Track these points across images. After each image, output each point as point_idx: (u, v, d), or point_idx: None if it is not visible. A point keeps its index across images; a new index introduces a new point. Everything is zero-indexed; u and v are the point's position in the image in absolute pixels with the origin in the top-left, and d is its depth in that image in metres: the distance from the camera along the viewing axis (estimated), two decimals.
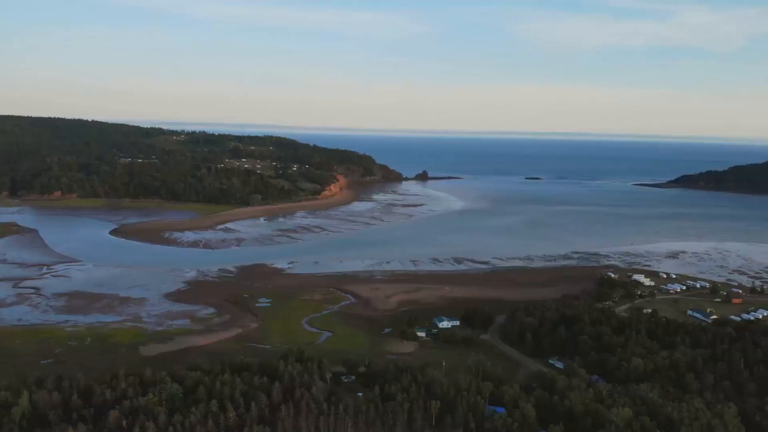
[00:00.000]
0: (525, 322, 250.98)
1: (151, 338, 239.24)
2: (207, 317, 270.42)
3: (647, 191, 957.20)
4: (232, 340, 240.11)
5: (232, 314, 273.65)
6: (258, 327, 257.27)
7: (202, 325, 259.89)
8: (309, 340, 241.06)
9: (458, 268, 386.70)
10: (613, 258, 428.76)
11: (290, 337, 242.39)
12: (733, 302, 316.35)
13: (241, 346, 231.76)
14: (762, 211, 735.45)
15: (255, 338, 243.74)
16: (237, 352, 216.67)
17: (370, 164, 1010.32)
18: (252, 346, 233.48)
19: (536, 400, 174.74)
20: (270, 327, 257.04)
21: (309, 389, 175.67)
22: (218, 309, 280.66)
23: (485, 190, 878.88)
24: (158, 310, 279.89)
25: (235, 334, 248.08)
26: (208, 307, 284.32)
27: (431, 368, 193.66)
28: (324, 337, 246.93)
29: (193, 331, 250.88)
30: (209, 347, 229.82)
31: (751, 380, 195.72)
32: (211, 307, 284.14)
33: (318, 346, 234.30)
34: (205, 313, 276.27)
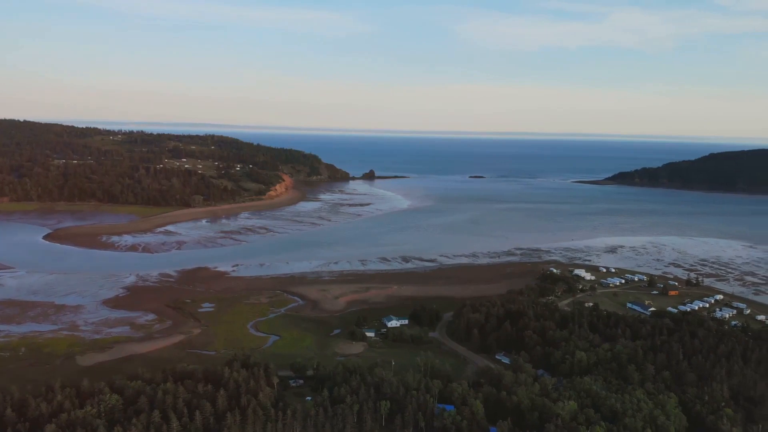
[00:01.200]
0: (471, 318, 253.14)
1: (88, 347, 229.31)
2: (147, 324, 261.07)
3: (585, 188, 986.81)
4: (174, 347, 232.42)
5: (173, 320, 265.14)
6: (201, 333, 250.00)
7: (143, 332, 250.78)
8: (255, 344, 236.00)
9: (406, 266, 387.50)
10: (554, 253, 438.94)
11: (235, 342, 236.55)
12: (669, 294, 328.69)
13: (183, 353, 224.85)
14: (694, 206, 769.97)
15: (198, 344, 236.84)
16: (179, 359, 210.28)
17: (317, 164, 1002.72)
18: (195, 352, 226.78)
19: (484, 397, 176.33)
20: (214, 332, 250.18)
21: (255, 395, 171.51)
22: (159, 315, 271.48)
23: (431, 189, 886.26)
24: (96, 317, 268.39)
25: (177, 340, 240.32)
26: (149, 313, 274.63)
27: (380, 368, 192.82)
28: (271, 341, 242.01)
29: (132, 338, 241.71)
30: (150, 355, 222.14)
31: (690, 370, 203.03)
32: (152, 313, 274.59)
33: (264, 350, 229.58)
34: (145, 319, 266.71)
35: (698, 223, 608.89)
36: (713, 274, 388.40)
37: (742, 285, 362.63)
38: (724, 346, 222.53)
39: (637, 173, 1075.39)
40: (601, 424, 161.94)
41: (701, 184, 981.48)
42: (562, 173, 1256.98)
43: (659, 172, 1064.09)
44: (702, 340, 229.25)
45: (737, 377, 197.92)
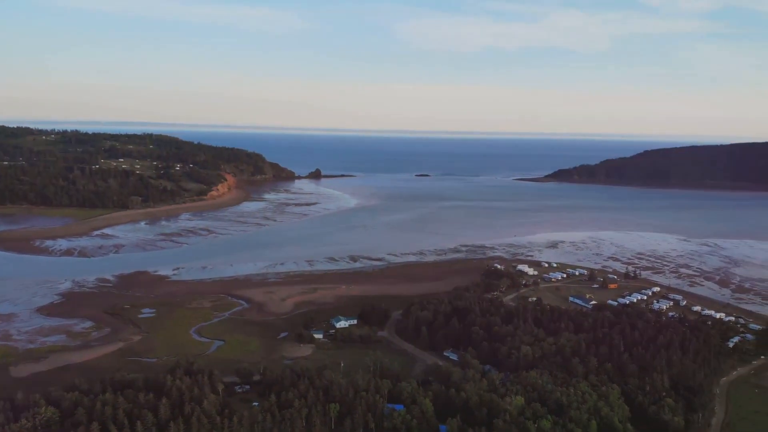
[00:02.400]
0: (420, 316, 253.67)
1: (22, 357, 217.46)
2: (84, 331, 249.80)
3: (527, 185, 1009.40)
4: (113, 356, 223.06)
5: (112, 327, 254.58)
6: (141, 339, 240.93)
7: (80, 340, 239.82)
8: (198, 350, 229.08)
9: (354, 266, 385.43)
10: (498, 250, 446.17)
11: (177, 348, 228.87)
12: (609, 287, 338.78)
13: (123, 361, 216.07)
14: (630, 201, 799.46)
15: (139, 352, 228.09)
16: (119, 367, 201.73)
17: (261, 162, 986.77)
18: (135, 360, 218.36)
19: (434, 395, 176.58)
20: (155, 339, 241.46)
21: (200, 403, 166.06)
22: (97, 322, 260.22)
23: (378, 188, 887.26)
24: (29, 326, 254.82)
25: (116, 348, 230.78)
26: (86, 320, 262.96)
27: (329, 370, 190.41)
28: (215, 347, 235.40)
29: (69, 347, 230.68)
30: (88, 364, 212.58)
31: (631, 361, 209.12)
32: (89, 320, 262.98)
33: (208, 356, 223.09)
34: (82, 327, 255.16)
35: (635, 218, 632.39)
36: (650, 267, 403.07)
37: (678, 277, 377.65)
38: (662, 337, 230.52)
39: (576, 170, 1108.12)
40: (547, 417, 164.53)
41: (636, 180, 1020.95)
42: (504, 171, 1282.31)
43: (597, 169, 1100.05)
44: (642, 331, 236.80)
45: (676, 367, 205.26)
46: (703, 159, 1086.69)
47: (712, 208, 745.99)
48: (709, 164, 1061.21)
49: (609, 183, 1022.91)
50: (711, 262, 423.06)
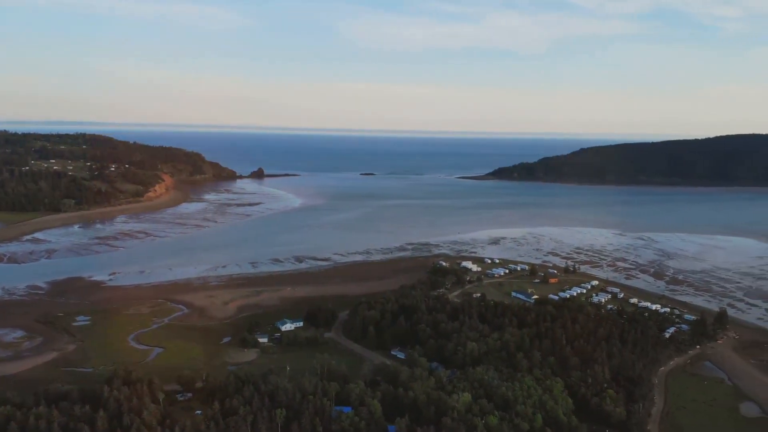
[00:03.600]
0: (367, 316, 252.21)
1: None
2: (15, 342, 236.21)
3: (469, 183, 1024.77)
4: (46, 366, 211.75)
5: (45, 336, 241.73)
6: (76, 349, 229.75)
7: (10, 350, 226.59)
8: (137, 358, 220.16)
9: (299, 267, 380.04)
10: (443, 247, 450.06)
11: (115, 357, 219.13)
12: (550, 282, 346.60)
13: (57, 372, 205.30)
14: (567, 198, 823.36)
15: (74, 362, 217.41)
16: (53, 379, 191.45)
17: (200, 162, 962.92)
18: (71, 371, 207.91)
19: (382, 395, 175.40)
20: (91, 348, 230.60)
21: (139, 414, 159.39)
22: (28, 331, 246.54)
23: (323, 187, 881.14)
24: None
25: (49, 358, 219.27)
26: (16, 329, 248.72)
27: (275, 375, 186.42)
28: (154, 354, 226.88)
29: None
30: (20, 376, 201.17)
31: (573, 354, 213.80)
32: (20, 329, 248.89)
33: (148, 364, 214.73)
34: (12, 337, 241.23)
35: (572, 214, 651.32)
36: (588, 261, 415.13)
37: (615, 270, 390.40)
38: (602, 329, 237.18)
39: (515, 168, 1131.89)
40: (494, 413, 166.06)
41: (573, 177, 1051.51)
42: (448, 170, 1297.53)
43: (535, 167, 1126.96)
44: (582, 325, 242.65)
45: (617, 359, 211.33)
46: (636, 156, 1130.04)
47: (645, 204, 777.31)
48: (642, 161, 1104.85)
49: (547, 180, 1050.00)
50: (646, 255, 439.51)
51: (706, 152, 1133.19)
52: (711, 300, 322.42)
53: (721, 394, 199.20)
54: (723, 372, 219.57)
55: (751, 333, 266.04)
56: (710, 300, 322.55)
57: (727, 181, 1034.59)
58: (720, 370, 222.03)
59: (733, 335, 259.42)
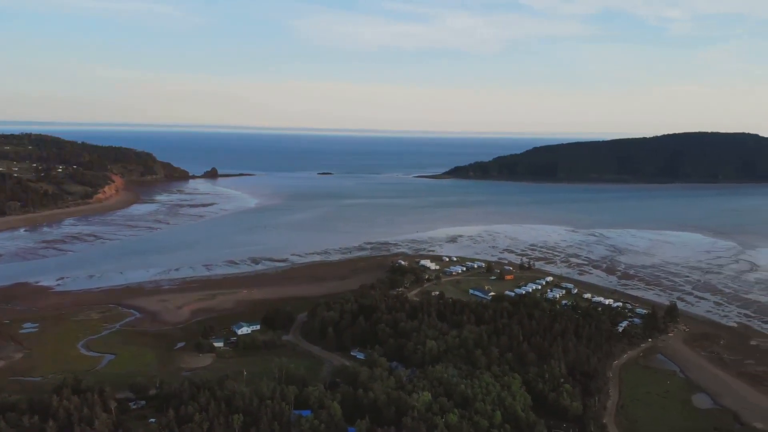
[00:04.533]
0: (326, 317, 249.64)
1: None
2: None
3: (426, 182, 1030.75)
4: None
5: None
6: (24, 357, 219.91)
7: None
8: (87, 366, 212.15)
9: (256, 268, 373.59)
10: (401, 246, 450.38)
11: (64, 365, 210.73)
12: (506, 279, 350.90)
13: (4, 381, 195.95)
14: (522, 196, 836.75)
15: (21, 371, 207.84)
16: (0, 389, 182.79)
17: (151, 162, 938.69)
18: (18, 380, 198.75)
19: (342, 397, 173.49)
20: (39, 356, 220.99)
21: (90, 424, 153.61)
22: None
23: (279, 186, 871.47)
24: None
25: None
26: None
27: (231, 380, 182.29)
28: (105, 361, 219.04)
29: None
30: None
31: (530, 350, 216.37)
32: None
33: (99, 372, 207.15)
34: None
35: (526, 211, 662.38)
36: (542, 257, 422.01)
37: (568, 266, 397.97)
38: (558, 325, 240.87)
39: (471, 167, 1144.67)
40: (454, 411, 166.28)
41: (527, 175, 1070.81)
42: (405, 168, 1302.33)
43: (490, 166, 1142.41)
44: (538, 320, 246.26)
45: (572, 354, 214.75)
46: (587, 155, 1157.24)
47: (596, 201, 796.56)
48: (592, 159, 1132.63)
49: (502, 179, 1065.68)
50: (598, 251, 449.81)
51: (654, 150, 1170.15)
52: (661, 294, 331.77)
53: (674, 386, 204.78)
54: (675, 364, 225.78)
55: (701, 325, 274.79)
56: (661, 294, 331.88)
57: (675, 178, 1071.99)
58: (672, 362, 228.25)
59: (683, 328, 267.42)
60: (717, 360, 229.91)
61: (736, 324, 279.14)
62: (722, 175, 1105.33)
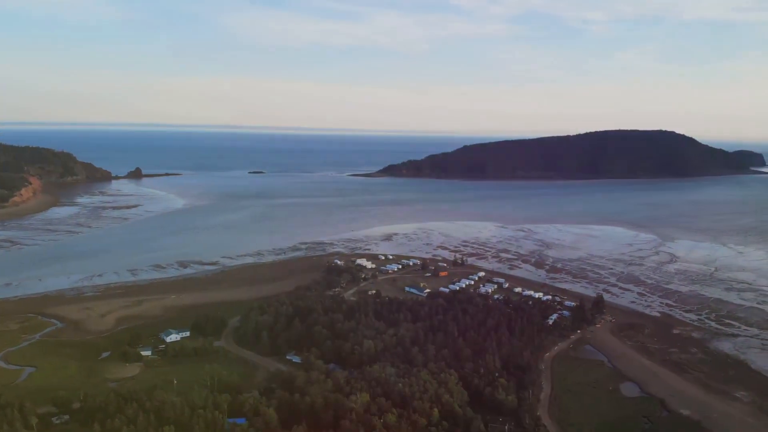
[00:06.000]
0: (259, 321, 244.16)
1: None
2: None
3: (360, 180, 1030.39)
4: None
5: None
6: None
7: None
8: (6, 380, 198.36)
9: (184, 272, 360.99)
10: (337, 245, 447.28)
11: None
12: (440, 275, 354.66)
13: None
14: (453, 194, 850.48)
15: None
16: None
17: (71, 163, 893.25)
18: None
19: (278, 403, 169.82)
20: None
21: None
22: None
23: (208, 186, 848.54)
24: None
25: None
26: None
27: (161, 390, 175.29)
28: (25, 374, 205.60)
29: None
30: None
31: (465, 346, 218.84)
32: None
33: (18, 386, 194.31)
34: None
35: (458, 208, 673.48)
36: (475, 253, 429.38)
37: (499, 261, 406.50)
38: (491, 319, 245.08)
39: (404, 165, 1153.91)
40: (392, 411, 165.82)
41: (458, 173, 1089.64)
42: (337, 167, 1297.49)
43: (423, 164, 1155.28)
44: (472, 316, 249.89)
45: (506, 348, 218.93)
46: (514, 152, 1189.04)
47: (524, 197, 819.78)
48: (519, 157, 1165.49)
49: (434, 177, 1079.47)
50: (526, 245, 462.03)
51: (577, 148, 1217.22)
52: (588, 286, 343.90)
53: (603, 376, 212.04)
54: (603, 355, 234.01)
55: (626, 316, 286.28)
56: (587, 286, 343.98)
57: (597, 174, 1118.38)
58: (600, 353, 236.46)
59: (610, 319, 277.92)
60: (642, 349, 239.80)
61: (659, 314, 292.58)
62: (641, 171, 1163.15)
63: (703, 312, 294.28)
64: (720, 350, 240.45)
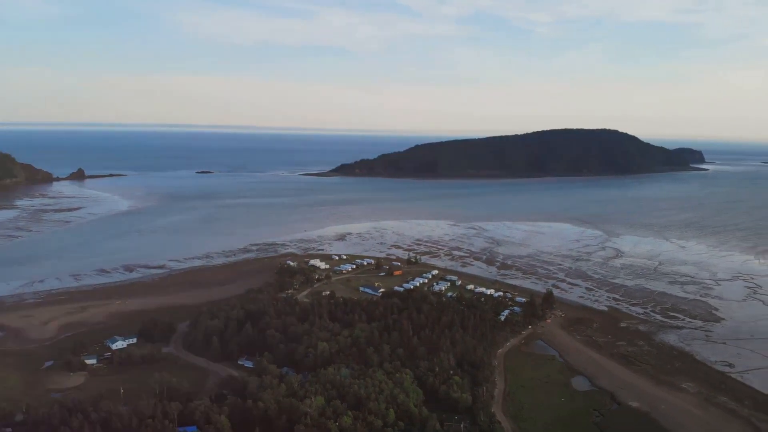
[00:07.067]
0: (209, 325, 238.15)
1: None
2: None
3: (312, 180, 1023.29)
4: None
5: None
6: None
7: None
8: None
9: (130, 276, 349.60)
10: (290, 246, 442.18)
11: None
12: (394, 274, 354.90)
13: None
14: (406, 192, 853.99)
15: None
16: None
17: (10, 164, 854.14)
18: None
19: (230, 409, 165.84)
20: None
21: None
22: None
23: (154, 187, 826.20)
24: None
25: None
26: None
27: (107, 400, 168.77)
28: None
29: None
30: None
31: (420, 344, 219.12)
32: None
33: None
34: None
35: (412, 207, 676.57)
36: (428, 251, 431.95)
37: (452, 259, 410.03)
38: (445, 317, 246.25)
39: (357, 165, 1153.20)
40: (348, 413, 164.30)
41: (411, 172, 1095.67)
42: (289, 166, 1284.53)
43: (375, 163, 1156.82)
44: (427, 314, 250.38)
45: (460, 345, 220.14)
46: (464, 151, 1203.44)
47: (474, 195, 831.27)
48: (469, 156, 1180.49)
49: (387, 176, 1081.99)
50: (478, 243, 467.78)
51: (525, 146, 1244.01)
52: (538, 282, 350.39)
53: (554, 371, 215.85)
54: (554, 349, 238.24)
55: (575, 311, 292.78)
56: (537, 282, 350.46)
57: (544, 172, 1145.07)
58: (551, 347, 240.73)
59: (559, 314, 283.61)
60: (591, 343, 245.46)
61: (606, 308, 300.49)
62: (586, 169, 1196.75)
63: (649, 305, 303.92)
64: (666, 342, 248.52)
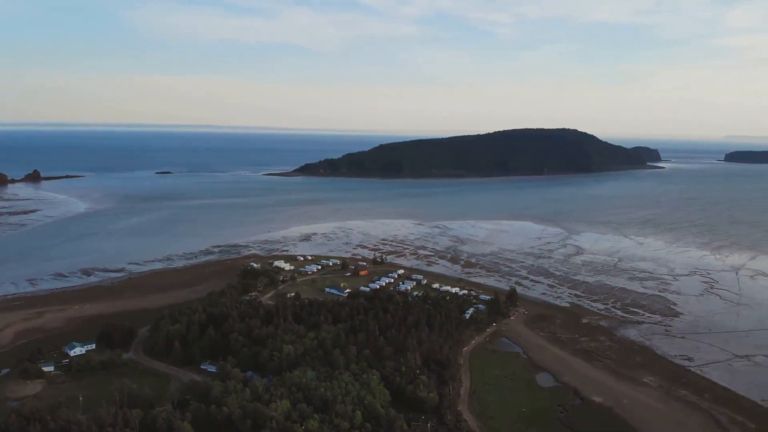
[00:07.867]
0: (171, 330, 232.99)
1: None
2: None
3: (276, 180, 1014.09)
4: None
5: None
6: None
7: None
8: None
9: (88, 280, 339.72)
10: (253, 247, 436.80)
11: None
12: (360, 274, 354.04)
13: None
14: (371, 192, 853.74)
15: None
16: None
17: None
18: None
19: (192, 416, 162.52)
20: None
21: None
22: None
23: (112, 188, 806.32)
24: None
25: None
26: None
27: (65, 408, 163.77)
28: None
29: None
30: None
31: (387, 344, 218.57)
32: None
33: None
34: None
35: (376, 207, 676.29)
36: (393, 251, 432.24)
37: (417, 258, 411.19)
38: (411, 316, 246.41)
39: (321, 164, 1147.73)
40: (314, 417, 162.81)
41: (375, 171, 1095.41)
42: (252, 166, 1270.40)
43: (339, 163, 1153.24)
44: (393, 314, 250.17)
45: (426, 344, 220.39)
46: (428, 151, 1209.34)
47: (438, 195, 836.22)
48: (433, 156, 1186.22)
49: (351, 175, 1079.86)
50: (442, 242, 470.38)
51: (487, 146, 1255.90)
52: (501, 280, 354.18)
53: (519, 368, 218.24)
54: (518, 346, 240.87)
55: (538, 308, 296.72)
56: (501, 280, 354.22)
57: (506, 172, 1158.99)
58: (515, 344, 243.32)
59: (523, 311, 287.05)
60: (555, 339, 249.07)
61: (568, 304, 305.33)
62: (547, 168, 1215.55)
63: (609, 301, 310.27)
64: (627, 338, 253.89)
